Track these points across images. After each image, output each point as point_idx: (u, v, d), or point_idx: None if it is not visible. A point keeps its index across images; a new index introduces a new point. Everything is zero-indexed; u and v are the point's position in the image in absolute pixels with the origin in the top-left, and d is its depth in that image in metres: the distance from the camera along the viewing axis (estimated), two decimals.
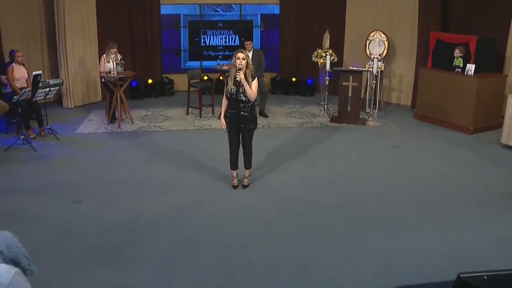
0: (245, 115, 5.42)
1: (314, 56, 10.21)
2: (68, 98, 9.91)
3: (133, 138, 7.82)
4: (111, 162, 6.70)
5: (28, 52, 9.72)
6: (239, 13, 11.54)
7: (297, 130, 8.37)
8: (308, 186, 5.87)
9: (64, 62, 9.67)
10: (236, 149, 5.67)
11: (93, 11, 9.98)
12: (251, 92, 5.31)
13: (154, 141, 7.70)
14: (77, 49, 9.78)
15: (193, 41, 11.53)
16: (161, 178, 6.13)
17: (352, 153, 7.17)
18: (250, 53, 9.04)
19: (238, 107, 5.39)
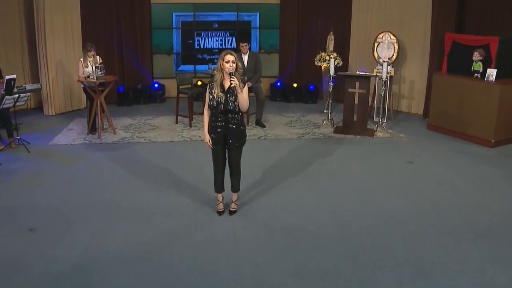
0: (234, 128, 4.54)
1: (317, 59, 9.32)
2: (48, 104, 9.07)
3: (112, 151, 6.95)
4: (82, 180, 5.81)
5: (6, 55, 8.93)
6: (236, 14, 10.67)
7: (297, 142, 7.46)
8: (307, 213, 4.94)
9: (44, 66, 8.84)
10: (222, 168, 4.77)
11: (76, 11, 9.13)
12: (244, 101, 4.42)
13: (135, 154, 6.82)
14: (58, 52, 8.95)
15: (186, 43, 10.69)
16: (134, 200, 5.23)
17: (359, 170, 6.24)
18: (246, 56, 8.22)
19: (226, 119, 4.50)
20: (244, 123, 4.65)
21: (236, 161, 4.69)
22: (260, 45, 10.87)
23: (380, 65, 8.32)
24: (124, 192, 5.47)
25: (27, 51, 9.20)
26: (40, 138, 7.54)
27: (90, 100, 7.73)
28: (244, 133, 4.63)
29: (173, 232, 4.53)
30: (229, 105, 4.44)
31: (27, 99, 7.05)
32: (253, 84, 8.12)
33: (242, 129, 4.58)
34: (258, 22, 10.78)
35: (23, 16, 9.03)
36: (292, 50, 10.61)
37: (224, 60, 4.38)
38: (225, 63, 4.37)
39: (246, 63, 8.19)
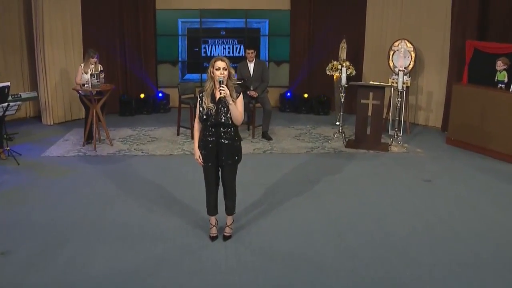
0: (227, 144, 4.04)
1: (329, 68, 8.81)
2: (47, 113, 8.70)
3: (106, 164, 6.52)
4: (68, 196, 5.37)
5: (5, 61, 8.60)
6: (244, 20, 10.23)
7: (304, 157, 6.92)
8: (310, 239, 4.40)
9: (42, 73, 8.49)
10: (215, 188, 4.28)
11: (77, 16, 8.77)
12: (237, 113, 3.93)
13: (129, 168, 6.36)
14: (58, 59, 8.58)
15: (192, 51, 10.26)
16: (121, 221, 4.75)
17: (371, 189, 5.68)
18: (252, 64, 7.78)
19: (218, 133, 4.01)
20: (239, 137, 4.15)
21: (230, 180, 4.19)
22: (269, 53, 10.39)
23: (396, 75, 7.76)
24: (112, 210, 5.01)
25: (26, 56, 8.87)
26: (33, 149, 7.16)
27: (86, 109, 7.37)
28: (239, 149, 4.12)
29: (159, 259, 4.03)
30: (221, 118, 3.96)
31: (18, 108, 6.67)
32: (260, 94, 7.67)
33: (236, 144, 4.08)
34: (268, 29, 10.32)
35: (22, 18, 8.70)
36: (303, 58, 10.14)
37: (214, 67, 3.91)
38: (215, 70, 3.90)
39: (252, 72, 7.75)
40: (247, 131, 8.12)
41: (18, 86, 8.67)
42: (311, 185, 5.75)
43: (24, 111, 9.01)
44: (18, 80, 8.76)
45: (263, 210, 5.01)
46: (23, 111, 8.99)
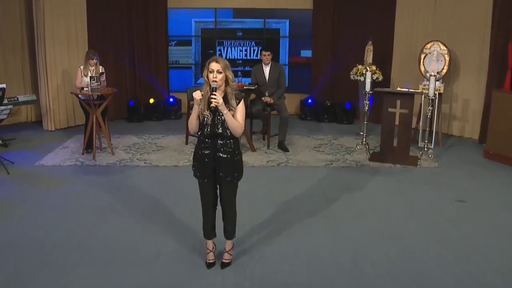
0: (225, 158, 3.66)
1: (353, 73, 8.41)
2: (48, 118, 8.53)
3: (104, 175, 6.24)
4: (55, 211, 5.09)
5: (4, 62, 8.49)
6: (262, 20, 9.93)
7: (323, 171, 6.50)
8: (322, 269, 3.97)
9: (43, 76, 8.32)
10: (212, 209, 3.92)
11: (82, 15, 8.58)
12: (235, 124, 3.56)
13: (129, 180, 6.06)
14: (60, 60, 8.41)
15: (206, 53, 10.00)
16: (109, 240, 4.42)
17: (395, 210, 5.21)
18: (268, 67, 7.43)
19: (215, 145, 3.65)
20: (239, 151, 3.77)
21: (228, 200, 3.81)
22: (289, 56, 10.07)
23: (427, 80, 7.27)
24: (101, 229, 4.68)
25: (28, 57, 8.75)
26: (28, 156, 6.95)
27: (86, 115, 7.14)
28: (238, 164, 3.73)
29: None
30: (218, 128, 3.59)
31: (9, 112, 6.48)
32: (275, 100, 7.32)
33: (235, 159, 3.69)
34: (288, 30, 10.00)
35: (23, 17, 8.57)
36: (326, 62, 9.80)
37: (207, 69, 3.55)
38: (209, 73, 3.54)
39: (267, 76, 7.41)
40: (263, 140, 7.78)
41: (19, 89, 8.56)
42: (327, 203, 5.33)
43: (24, 115, 8.91)
44: (19, 83, 8.65)
45: (270, 232, 4.61)
46: (24, 115, 8.90)
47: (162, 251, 4.26)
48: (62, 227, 4.70)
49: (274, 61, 7.63)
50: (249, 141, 7.34)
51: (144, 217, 4.95)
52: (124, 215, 5.01)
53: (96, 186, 5.82)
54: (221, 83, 3.54)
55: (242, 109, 3.61)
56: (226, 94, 3.58)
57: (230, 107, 3.55)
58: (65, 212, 5.08)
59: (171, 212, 5.08)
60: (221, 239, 4.02)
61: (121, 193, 5.62)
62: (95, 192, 5.63)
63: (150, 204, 5.30)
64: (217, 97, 3.44)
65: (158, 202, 5.35)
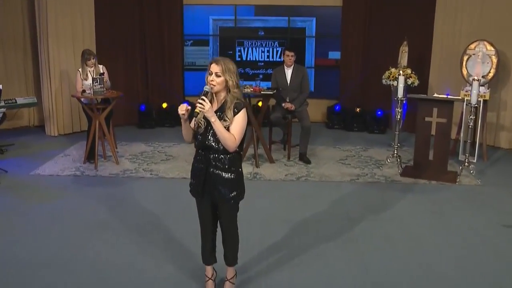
0: (218, 175, 3.38)
1: (385, 77, 8.08)
2: (51, 123, 8.52)
3: (104, 187, 6.07)
4: (45, 226, 4.92)
5: (4, 60, 8.51)
6: (287, 19, 9.71)
7: (347, 187, 6.17)
8: None
9: (46, 77, 8.32)
10: (210, 231, 3.64)
11: (89, 11, 8.57)
12: (224, 135, 3.26)
13: (130, 193, 5.87)
14: (64, 60, 8.40)
15: (225, 54, 9.76)
16: (100, 262, 4.20)
17: (429, 235, 4.83)
18: (290, 70, 7.20)
19: (207, 159, 3.38)
20: (237, 167, 3.45)
21: (227, 223, 3.53)
22: (316, 57, 9.84)
23: (470, 86, 6.86)
24: (92, 248, 4.46)
25: (30, 57, 8.77)
26: (25, 164, 6.87)
27: (88, 120, 7.02)
28: (235, 182, 3.42)
29: None
30: (208, 139, 3.33)
31: (2, 115, 6.40)
32: (297, 107, 7.06)
33: (232, 177, 3.38)
34: (315, 29, 9.75)
35: (26, 13, 8.61)
36: (356, 65, 9.55)
37: (208, 71, 3.30)
38: (208, 75, 3.29)
39: (289, 79, 7.17)
40: (283, 151, 7.52)
41: (20, 90, 8.62)
42: (350, 224, 4.99)
43: (26, 119, 8.94)
44: (20, 84, 8.69)
45: (281, 258, 4.30)
46: (26, 119, 8.93)
47: (158, 276, 4.01)
48: (50, 245, 4.51)
49: (298, 63, 7.37)
50: (267, 151, 7.09)
51: (142, 236, 4.72)
52: (120, 233, 4.79)
53: (94, 199, 5.65)
54: (219, 87, 3.28)
55: (240, 121, 3.31)
56: (225, 102, 3.31)
57: (224, 117, 3.28)
58: (55, 228, 4.89)
59: (173, 231, 4.83)
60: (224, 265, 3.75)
61: (120, 208, 5.42)
62: (92, 206, 5.45)
63: (150, 221, 5.07)
64: (205, 104, 3.17)
65: (159, 219, 5.12)
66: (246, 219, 4.98)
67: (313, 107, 9.33)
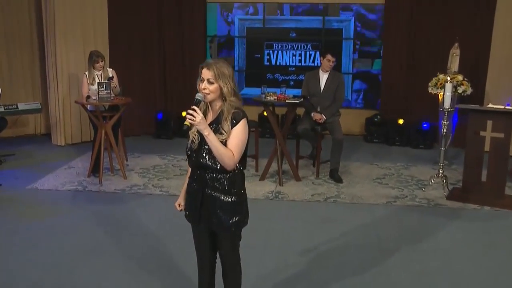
0: (215, 197, 3.08)
1: (432, 84, 7.65)
2: (57, 131, 8.50)
3: (106, 204, 5.90)
4: (32, 248, 4.74)
5: (9, 62, 8.54)
6: (321, 18, 9.47)
7: (382, 210, 5.80)
8: None
9: (53, 80, 8.32)
10: (208, 262, 3.34)
11: (102, 8, 8.52)
12: (221, 151, 2.95)
13: (134, 212, 5.66)
14: (73, 64, 8.37)
15: (252, 58, 9.75)
16: None
17: (479, 272, 4.41)
18: (326, 76, 6.98)
19: (203, 180, 3.10)
20: (239, 188, 3.13)
21: (227, 254, 3.21)
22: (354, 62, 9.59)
23: None
24: (80, 276, 4.23)
25: (38, 58, 8.79)
26: (23, 177, 6.78)
27: (94, 129, 6.92)
28: (238, 207, 3.10)
29: None
30: (203, 157, 3.03)
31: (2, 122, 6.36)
32: (328, 117, 6.80)
33: (231, 200, 3.07)
34: (353, 30, 9.49)
35: (33, 10, 8.63)
36: (399, 70, 9.22)
37: (200, 78, 3.04)
38: (201, 82, 3.01)
39: (323, 85, 6.93)
40: (313, 167, 7.24)
41: (26, 95, 8.66)
42: (381, 256, 4.62)
43: (32, 126, 8.98)
44: (27, 88, 8.76)
45: None
46: (31, 126, 8.98)
47: None
48: (35, 270, 4.31)
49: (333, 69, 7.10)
50: (292, 167, 6.79)
51: (139, 264, 4.46)
52: (115, 258, 4.55)
53: (91, 219, 5.46)
54: (213, 96, 2.99)
55: (239, 134, 3.00)
56: (221, 112, 3.03)
57: (221, 130, 2.98)
58: (42, 250, 4.70)
59: (175, 259, 4.56)
60: None
61: (119, 229, 5.20)
62: (87, 226, 5.26)
63: (151, 246, 4.82)
64: (196, 115, 2.88)
65: (162, 244, 4.87)
66: (260, 245, 4.80)
67: (350, 118, 9.18)
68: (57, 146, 8.46)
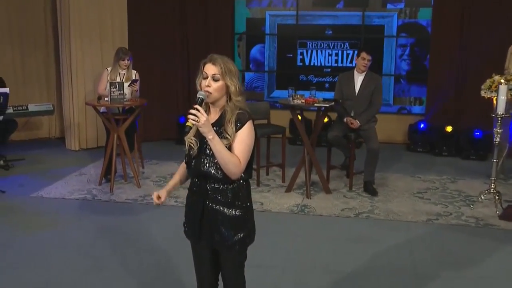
0: (217, 211, 2.94)
1: (486, 87, 7.32)
2: (71, 135, 8.54)
3: (114, 215, 5.80)
4: (25, 262, 4.64)
5: (22, 61, 8.64)
6: (361, 14, 9.30)
7: (422, 229, 5.51)
8: None
9: (67, 80, 8.35)
10: (209, 285, 3.17)
11: (122, 8, 8.54)
12: (226, 157, 2.79)
13: (144, 225, 5.53)
14: (89, 63, 8.38)
15: (284, 58, 9.66)
16: None
17: None
18: (361, 77, 6.77)
19: (203, 190, 2.95)
20: (245, 201, 2.96)
21: (231, 275, 3.05)
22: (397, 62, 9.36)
23: None
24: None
25: (53, 59, 8.87)
26: (29, 184, 6.77)
27: (107, 133, 6.91)
28: (243, 222, 2.94)
29: None
30: (204, 165, 2.85)
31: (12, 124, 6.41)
32: (363, 123, 6.58)
33: (237, 214, 2.90)
34: (396, 27, 9.28)
35: (49, 9, 8.72)
36: (448, 72, 8.96)
37: (201, 72, 2.88)
38: (203, 79, 2.85)
39: (358, 88, 6.71)
40: (346, 178, 7.04)
41: (41, 97, 8.75)
42: (416, 283, 4.35)
43: (46, 129, 9.08)
44: (42, 89, 8.86)
45: None
46: (45, 129, 9.11)
47: None
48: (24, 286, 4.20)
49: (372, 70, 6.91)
50: (322, 178, 6.56)
51: (143, 283, 4.32)
52: (117, 277, 4.41)
53: (95, 231, 5.35)
54: (217, 95, 2.82)
55: (245, 138, 2.82)
56: (224, 113, 2.83)
57: (224, 134, 2.79)
58: (36, 265, 4.60)
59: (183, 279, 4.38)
60: None
61: (124, 243, 5.08)
62: (90, 239, 5.15)
63: (158, 264, 4.67)
64: (198, 113, 2.68)
65: (170, 261, 4.71)
66: (279, 265, 4.61)
67: (391, 125, 9.00)
68: (70, 151, 8.49)
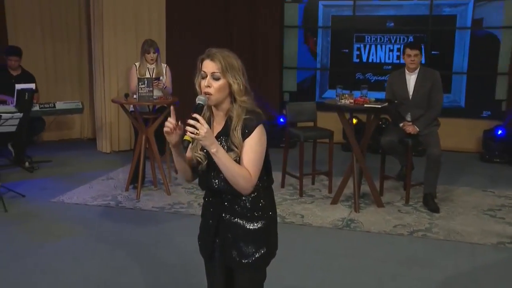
0: (238, 224, 2.80)
1: None
2: (103, 136, 8.63)
3: (137, 225, 5.71)
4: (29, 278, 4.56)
5: (53, 55, 8.81)
6: (429, 3, 8.97)
7: (490, 253, 5.14)
8: None
9: (100, 76, 8.43)
10: None
11: None
12: (233, 171, 2.62)
13: (168, 236, 5.43)
14: (123, 59, 8.41)
15: (339, 54, 9.48)
16: None
17: None
18: (413, 76, 6.48)
19: (219, 203, 2.83)
20: (266, 210, 2.82)
21: None
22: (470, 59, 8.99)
23: None
24: None
25: (87, 54, 8.99)
26: (52, 188, 6.82)
27: (135, 134, 6.92)
28: (266, 235, 2.82)
29: None
30: (214, 181, 2.75)
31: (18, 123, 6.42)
32: (422, 129, 6.27)
33: (258, 227, 2.76)
34: (471, 18, 8.90)
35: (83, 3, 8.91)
36: None
37: (199, 71, 2.72)
38: (202, 79, 2.69)
39: (411, 90, 6.42)
40: (403, 190, 6.73)
41: (73, 94, 8.87)
42: None
43: (78, 130, 9.22)
44: (74, 86, 9.03)
45: None
46: (77, 130, 9.25)
47: None
48: None
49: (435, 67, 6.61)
50: (373, 189, 6.27)
51: None
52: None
53: (114, 241, 5.26)
54: (219, 96, 2.64)
55: (254, 145, 2.63)
56: (229, 118, 2.67)
57: (230, 146, 2.63)
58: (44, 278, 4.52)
59: None
60: None
61: (144, 256, 4.95)
62: (106, 252, 5.05)
63: (176, 280, 4.54)
64: (197, 124, 2.49)
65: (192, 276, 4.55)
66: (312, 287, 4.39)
67: (461, 130, 8.71)
68: (101, 153, 8.58)
